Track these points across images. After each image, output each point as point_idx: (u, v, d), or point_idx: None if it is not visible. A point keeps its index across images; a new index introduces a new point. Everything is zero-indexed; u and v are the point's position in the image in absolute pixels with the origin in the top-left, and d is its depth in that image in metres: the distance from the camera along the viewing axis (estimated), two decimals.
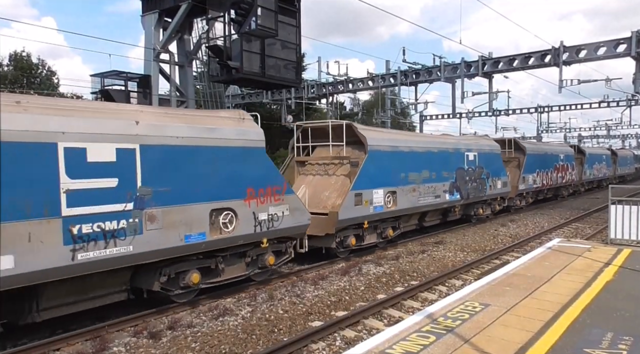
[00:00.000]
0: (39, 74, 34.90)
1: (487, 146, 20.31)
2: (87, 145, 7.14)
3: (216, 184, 8.99)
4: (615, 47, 18.78)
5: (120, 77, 17.61)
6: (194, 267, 8.94)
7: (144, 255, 7.84)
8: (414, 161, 15.10)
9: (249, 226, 9.60)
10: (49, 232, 6.68)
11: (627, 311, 6.36)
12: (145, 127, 7.98)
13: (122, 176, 7.57)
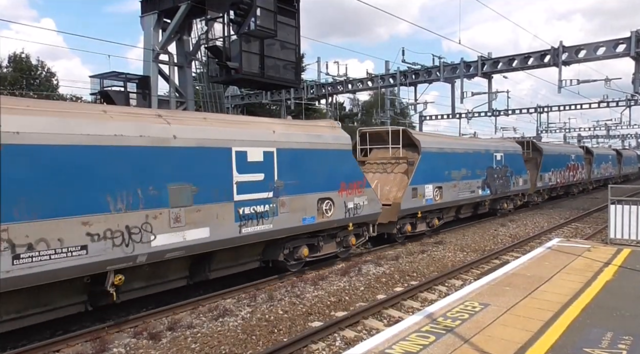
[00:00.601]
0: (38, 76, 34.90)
1: (511, 147, 22.66)
2: (247, 149, 9.58)
3: (321, 178, 11.35)
4: (615, 47, 18.80)
5: (119, 78, 17.63)
6: (304, 243, 11.34)
7: (279, 232, 10.29)
8: (455, 160, 17.37)
9: (341, 213, 11.95)
10: (227, 212, 9.09)
11: (627, 311, 6.36)
12: (279, 135, 10.42)
13: (266, 172, 9.98)
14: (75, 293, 7.57)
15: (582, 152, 33.55)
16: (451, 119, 37.30)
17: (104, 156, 7.29)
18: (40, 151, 6.57)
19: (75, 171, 6.94)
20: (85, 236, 6.95)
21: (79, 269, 6.95)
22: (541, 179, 25.47)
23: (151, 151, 7.93)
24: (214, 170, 8.94)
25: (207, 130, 9.04)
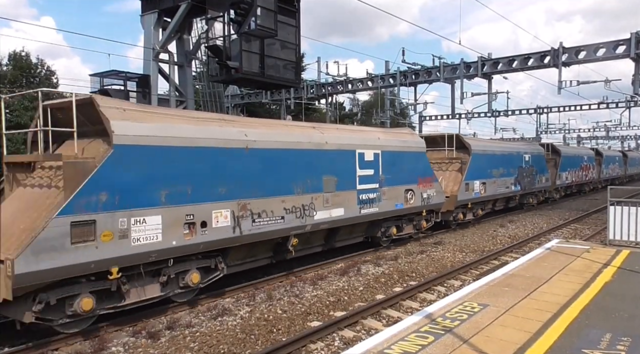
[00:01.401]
0: (38, 74, 34.84)
1: (536, 149, 26.17)
2: (364, 151, 12.94)
3: (406, 174, 14.53)
4: (615, 49, 18.81)
5: (119, 77, 17.62)
6: (393, 224, 14.62)
7: (381, 214, 13.61)
8: (496, 161, 20.86)
9: (419, 201, 15.12)
10: (353, 197, 12.48)
11: (626, 312, 6.36)
12: (382, 140, 13.81)
13: (375, 169, 13.31)
14: (268, 250, 10.99)
15: (593, 154, 36.56)
16: (451, 119, 37.32)
17: (290, 156, 10.80)
18: (263, 153, 10.08)
19: (277, 166, 10.42)
20: (283, 210, 10.46)
21: (280, 232, 10.49)
22: (559, 177, 28.60)
23: (314, 152, 11.46)
24: (346, 166, 12.41)
25: (342, 137, 12.59)
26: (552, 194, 28.39)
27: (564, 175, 29.24)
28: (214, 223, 9.00)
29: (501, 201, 22.18)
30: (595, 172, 36.06)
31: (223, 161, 9.33)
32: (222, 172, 9.32)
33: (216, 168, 9.20)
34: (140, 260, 7.91)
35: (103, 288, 7.67)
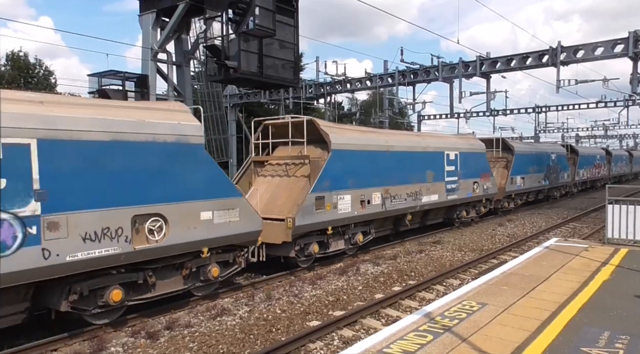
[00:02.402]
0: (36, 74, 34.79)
1: (560, 149, 30.60)
2: (449, 152, 17.07)
3: (474, 170, 18.66)
4: (613, 48, 18.83)
5: (117, 77, 17.57)
6: (464, 209, 18.71)
7: (458, 200, 17.76)
8: (532, 160, 25.18)
9: (481, 191, 19.28)
10: (442, 187, 16.58)
11: (624, 310, 6.38)
12: (459, 144, 18.12)
13: (455, 166, 17.30)
14: (392, 223, 15.22)
15: (604, 154, 40.86)
16: (449, 118, 37.34)
17: (410, 156, 15.15)
18: (396, 154, 14.34)
19: (403, 164, 14.62)
20: (406, 194, 14.68)
21: (404, 209, 14.70)
22: (577, 174, 32.76)
23: (422, 154, 15.74)
24: (439, 164, 16.53)
25: (437, 142, 17.04)
26: (571, 188, 32.62)
27: (581, 172, 33.48)
28: (373, 201, 13.39)
29: (533, 193, 26.37)
30: (606, 169, 40.11)
31: (377, 160, 13.67)
32: (377, 167, 13.61)
33: (374, 164, 13.52)
34: (341, 223, 12.39)
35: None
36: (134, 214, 7.64)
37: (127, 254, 7.55)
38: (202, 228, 8.65)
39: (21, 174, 6.46)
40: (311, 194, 11.24)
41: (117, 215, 7.45)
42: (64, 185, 6.86)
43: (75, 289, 7.26)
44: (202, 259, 8.94)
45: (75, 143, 7.02)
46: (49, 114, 6.82)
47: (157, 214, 7.97)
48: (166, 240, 8.08)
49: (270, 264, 11.45)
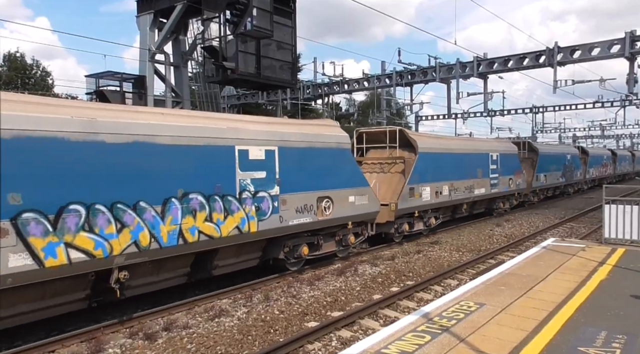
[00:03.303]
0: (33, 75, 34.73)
1: (574, 151, 34.19)
2: (493, 153, 20.57)
3: (508, 168, 21.91)
4: (609, 48, 18.90)
5: (115, 78, 17.56)
6: (500, 201, 22.28)
7: (498, 193, 21.00)
8: (553, 159, 28.73)
9: (514, 186, 22.74)
10: (487, 182, 20.00)
11: (621, 310, 6.40)
12: (497, 146, 21.94)
13: (497, 165, 20.69)
14: (450, 212, 18.35)
15: (610, 154, 44.52)
16: (447, 119, 37.39)
17: (467, 156, 18.57)
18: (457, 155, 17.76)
19: (462, 163, 18.05)
20: (464, 188, 18.00)
21: (461, 200, 18.09)
22: (588, 173, 36.04)
23: (474, 155, 19.22)
24: (485, 163, 20.03)
25: (483, 144, 21.53)
26: (583, 185, 35.78)
27: (591, 171, 36.78)
28: (443, 193, 16.74)
29: (552, 189, 29.70)
30: (612, 168, 43.81)
31: (446, 160, 17.11)
32: (445, 166, 16.84)
33: (444, 164, 16.86)
34: (423, 209, 15.80)
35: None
36: (318, 196, 11.32)
37: (313, 222, 11.26)
38: (349, 208, 12.26)
39: (272, 168, 10.13)
40: (407, 186, 14.92)
41: (311, 196, 11.14)
42: (287, 176, 10.47)
43: (287, 244, 10.96)
44: (346, 230, 12.55)
45: (293, 150, 10.69)
46: (283, 131, 10.74)
47: (328, 196, 11.61)
48: (332, 215, 11.72)
49: (266, 265, 11.44)
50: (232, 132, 9.40)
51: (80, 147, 7.02)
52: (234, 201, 9.25)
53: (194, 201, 8.50)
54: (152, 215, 7.87)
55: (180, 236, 8.29)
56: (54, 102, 7.62)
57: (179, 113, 9.70)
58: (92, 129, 7.20)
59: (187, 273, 9.17)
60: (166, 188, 8.12)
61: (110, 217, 7.33)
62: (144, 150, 7.85)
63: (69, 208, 6.86)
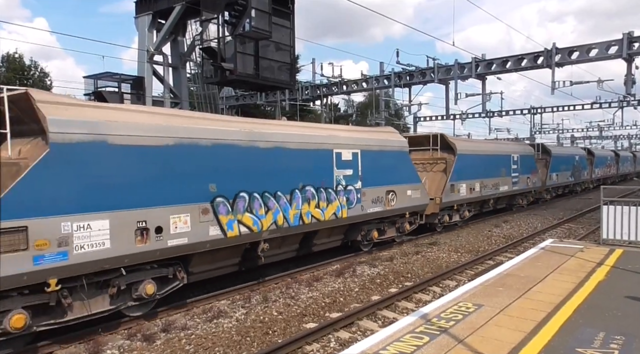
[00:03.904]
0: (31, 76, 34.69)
1: (582, 152, 36.85)
2: (514, 155, 23.12)
3: (526, 168, 24.28)
4: (607, 49, 18.95)
5: (113, 79, 17.54)
6: (519, 198, 24.51)
7: (517, 190, 23.63)
8: (563, 160, 31.18)
9: (531, 184, 25.10)
10: (510, 181, 22.69)
11: (619, 311, 6.41)
12: (518, 148, 24.81)
13: (517, 165, 23.30)
14: (479, 206, 20.62)
15: (614, 155, 47.28)
16: (445, 120, 37.41)
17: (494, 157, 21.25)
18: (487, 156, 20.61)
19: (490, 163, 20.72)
20: (491, 184, 20.65)
21: (489, 196, 20.68)
22: (594, 173, 38.50)
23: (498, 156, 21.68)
24: (508, 163, 22.42)
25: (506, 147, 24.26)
26: (589, 184, 37.98)
27: (596, 171, 39.30)
28: (475, 189, 19.36)
29: (562, 187, 31.97)
30: (615, 169, 46.51)
31: (478, 160, 19.53)
32: (478, 165, 19.42)
33: (477, 163, 19.32)
34: (460, 202, 18.34)
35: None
36: (386, 190, 13.65)
37: (382, 211, 13.61)
38: (407, 200, 14.58)
39: (356, 167, 12.58)
40: (449, 182, 17.43)
41: (382, 190, 13.50)
42: (366, 173, 12.84)
43: (363, 229, 13.37)
44: (404, 218, 14.87)
45: (370, 152, 13.08)
46: (363, 137, 13.25)
47: (393, 190, 13.91)
48: (395, 205, 14.05)
49: (269, 265, 11.44)
50: (331, 138, 11.96)
51: (245, 151, 9.61)
52: (332, 193, 11.79)
53: (308, 192, 11.07)
54: (284, 202, 10.42)
55: (300, 218, 10.83)
56: (227, 119, 10.82)
57: (297, 125, 12.47)
58: (251, 138, 9.78)
59: (296, 248, 11.81)
60: (292, 182, 10.69)
61: (261, 202, 9.90)
62: (280, 153, 10.37)
63: (239, 195, 9.41)
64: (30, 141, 7.16)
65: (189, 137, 8.57)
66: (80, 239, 6.96)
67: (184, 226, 8.35)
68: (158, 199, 7.99)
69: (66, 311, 7.17)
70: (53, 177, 6.75)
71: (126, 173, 7.62)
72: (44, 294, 6.78)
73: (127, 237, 7.52)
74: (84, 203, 7.04)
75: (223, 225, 9.02)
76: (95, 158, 7.26)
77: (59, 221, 6.74)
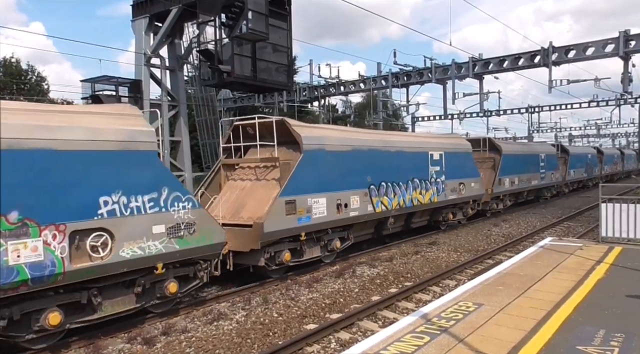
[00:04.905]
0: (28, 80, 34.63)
1: (594, 151, 40.93)
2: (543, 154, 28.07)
3: (551, 165, 28.56)
4: (604, 47, 18.98)
5: (111, 83, 17.52)
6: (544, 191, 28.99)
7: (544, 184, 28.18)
8: (578, 158, 34.98)
9: (554, 179, 29.65)
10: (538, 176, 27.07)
11: (619, 308, 6.42)
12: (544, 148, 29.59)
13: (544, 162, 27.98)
14: (514, 198, 24.83)
15: (620, 153, 51.58)
16: (443, 120, 37.47)
17: (535, 157, 26.80)
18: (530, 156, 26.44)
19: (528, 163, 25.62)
20: (525, 179, 24.93)
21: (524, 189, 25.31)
22: (603, 169, 42.18)
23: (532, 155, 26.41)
24: (536, 161, 26.65)
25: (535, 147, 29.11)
26: (599, 180, 39.77)
27: (606, 168, 43.19)
28: (515, 183, 23.36)
29: (577, 182, 35.51)
30: (621, 166, 50.82)
31: (517, 159, 23.73)
32: (516, 163, 23.45)
33: (516, 161, 23.38)
34: (504, 193, 22.60)
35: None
36: (459, 182, 17.79)
37: (456, 199, 17.73)
38: (471, 190, 18.70)
39: (441, 165, 16.71)
40: (497, 177, 21.79)
41: (457, 182, 17.62)
42: (448, 170, 16.98)
43: (443, 212, 17.51)
44: (468, 205, 19.04)
45: (450, 153, 17.20)
46: (444, 142, 17.71)
47: (462, 182, 18.02)
48: (464, 194, 18.14)
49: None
50: (427, 144, 16.63)
51: (383, 154, 14.14)
52: (428, 183, 16.07)
53: (416, 182, 15.40)
54: (403, 189, 14.79)
55: (411, 201, 15.15)
56: (373, 132, 16.50)
57: (407, 134, 18.97)
58: (385, 145, 14.35)
59: (402, 224, 15.89)
60: (407, 175, 15.03)
61: (391, 189, 14.26)
62: (401, 155, 14.91)
63: (381, 184, 13.84)
64: (285, 149, 11.60)
65: (358, 145, 13.14)
66: (315, 209, 11.51)
67: (356, 204, 12.84)
68: (345, 185, 12.54)
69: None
70: (304, 171, 11.19)
71: (332, 169, 12.12)
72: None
73: (333, 209, 12.08)
74: (316, 187, 11.55)
75: (373, 204, 13.47)
76: (320, 160, 11.77)
77: (306, 197, 11.26)
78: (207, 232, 8.75)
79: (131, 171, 7.63)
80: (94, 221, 7.10)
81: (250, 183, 11.69)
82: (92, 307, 7.48)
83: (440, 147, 16.97)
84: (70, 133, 6.99)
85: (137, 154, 7.77)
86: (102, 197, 7.22)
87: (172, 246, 8.15)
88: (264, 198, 10.89)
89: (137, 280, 7.92)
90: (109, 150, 7.41)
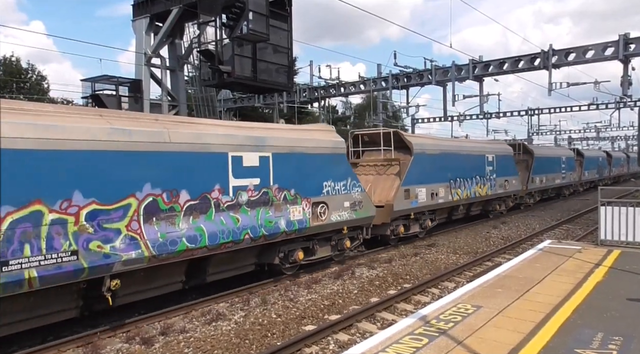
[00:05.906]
0: (28, 79, 34.64)
1: (603, 154, 45.03)
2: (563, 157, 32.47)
3: (570, 167, 33.35)
4: (604, 50, 18.98)
5: (111, 82, 17.53)
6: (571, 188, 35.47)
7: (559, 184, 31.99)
8: (592, 161, 38.69)
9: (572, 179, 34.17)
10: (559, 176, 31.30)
11: (617, 312, 6.42)
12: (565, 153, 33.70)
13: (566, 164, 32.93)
14: (540, 194, 29.00)
15: (625, 156, 55.87)
16: (443, 122, 37.52)
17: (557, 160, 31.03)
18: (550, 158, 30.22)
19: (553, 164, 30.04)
20: (551, 178, 29.46)
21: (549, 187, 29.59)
22: (612, 171, 46.02)
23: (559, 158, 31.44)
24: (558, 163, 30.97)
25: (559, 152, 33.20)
26: (607, 181, 44.28)
27: (614, 170, 46.79)
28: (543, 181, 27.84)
29: (589, 182, 38.95)
30: (626, 168, 54.67)
31: (545, 160, 27.92)
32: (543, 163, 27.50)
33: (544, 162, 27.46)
34: (538, 189, 27.79)
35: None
36: (505, 179, 21.86)
37: (503, 193, 21.84)
38: (511, 187, 22.61)
39: (493, 165, 21.05)
40: (531, 176, 25.68)
41: (503, 179, 21.71)
42: (498, 168, 21.41)
43: (493, 204, 22.18)
44: (509, 198, 23.01)
45: (498, 156, 21.56)
46: (494, 147, 22.55)
47: (507, 179, 21.94)
48: (508, 189, 22.07)
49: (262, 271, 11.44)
50: (484, 148, 20.80)
51: (458, 156, 18.16)
52: (485, 179, 19.97)
53: (477, 178, 19.36)
54: (469, 184, 18.44)
55: (474, 194, 19.11)
56: (449, 138, 22.85)
57: (469, 141, 22.33)
58: (459, 149, 18.42)
59: (464, 213, 19.90)
60: (471, 172, 18.97)
61: (462, 183, 18.16)
62: (469, 157, 18.98)
63: (456, 179, 17.93)
64: (397, 152, 15.76)
65: (444, 150, 17.26)
66: (419, 196, 15.63)
67: (442, 194, 16.75)
68: (436, 180, 16.59)
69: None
70: (414, 169, 15.38)
71: (429, 167, 16.16)
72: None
73: (429, 197, 16.13)
74: (420, 180, 15.64)
75: (452, 194, 17.46)
76: (423, 160, 15.91)
77: (415, 187, 15.45)
78: (367, 208, 12.92)
79: (335, 166, 11.89)
80: (321, 197, 11.36)
81: (372, 177, 15.80)
82: (312, 252, 11.61)
83: (492, 151, 21.20)
84: (311, 142, 11.26)
85: (338, 156, 12.10)
86: (324, 182, 11.51)
87: (351, 215, 12.29)
88: (389, 187, 15.24)
89: (332, 236, 12.11)
90: (327, 153, 11.69)
